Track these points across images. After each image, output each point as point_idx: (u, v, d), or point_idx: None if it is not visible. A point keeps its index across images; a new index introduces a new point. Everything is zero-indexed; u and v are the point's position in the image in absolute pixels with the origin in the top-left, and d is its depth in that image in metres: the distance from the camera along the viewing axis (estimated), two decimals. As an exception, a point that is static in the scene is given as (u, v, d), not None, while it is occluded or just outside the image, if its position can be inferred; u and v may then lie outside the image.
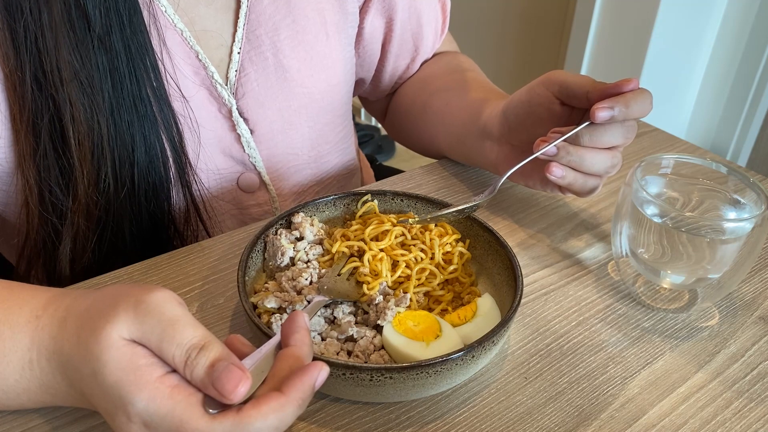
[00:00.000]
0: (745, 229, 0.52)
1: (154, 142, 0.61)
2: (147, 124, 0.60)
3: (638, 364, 0.53)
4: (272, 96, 0.69)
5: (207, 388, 0.36)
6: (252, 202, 0.73)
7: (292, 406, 0.36)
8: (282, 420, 0.35)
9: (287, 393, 0.36)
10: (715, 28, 1.78)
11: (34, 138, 0.57)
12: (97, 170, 0.58)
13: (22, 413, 0.46)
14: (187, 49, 0.64)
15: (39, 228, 0.61)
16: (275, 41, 0.68)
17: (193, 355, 0.37)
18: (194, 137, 0.65)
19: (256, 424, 0.35)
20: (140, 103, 0.59)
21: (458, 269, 0.57)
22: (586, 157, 0.58)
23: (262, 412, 0.35)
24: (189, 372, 0.37)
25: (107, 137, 0.58)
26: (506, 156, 0.68)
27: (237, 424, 0.35)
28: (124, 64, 0.57)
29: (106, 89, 0.57)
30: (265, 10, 0.67)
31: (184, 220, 0.66)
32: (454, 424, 0.47)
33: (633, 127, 0.59)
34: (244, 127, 0.69)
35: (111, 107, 0.57)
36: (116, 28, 0.56)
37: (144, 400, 0.35)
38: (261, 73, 0.68)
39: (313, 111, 0.73)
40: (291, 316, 0.41)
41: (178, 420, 0.35)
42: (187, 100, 0.64)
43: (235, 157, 0.70)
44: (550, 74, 0.63)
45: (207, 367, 0.36)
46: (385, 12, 0.77)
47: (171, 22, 0.63)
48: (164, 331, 0.37)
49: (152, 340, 0.37)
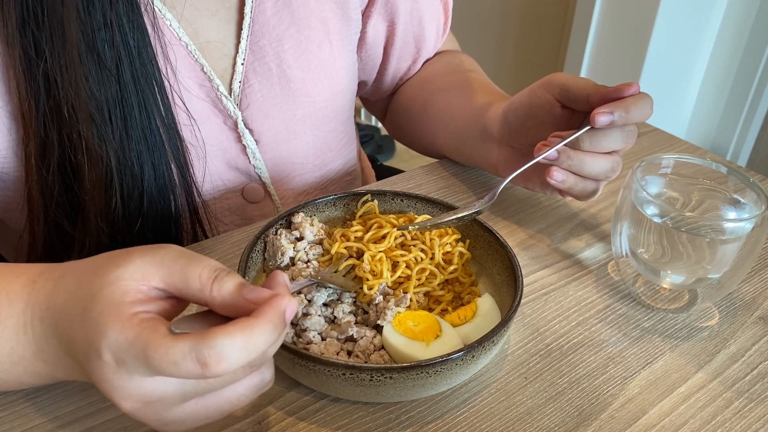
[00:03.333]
0: (745, 229, 0.52)
1: (163, 171, 0.60)
2: (156, 154, 0.59)
3: (638, 364, 0.53)
4: (276, 106, 0.69)
5: (236, 299, 0.37)
6: (257, 212, 0.73)
7: (260, 327, 0.35)
8: (249, 341, 0.35)
9: (256, 316, 0.36)
10: (715, 28, 1.78)
11: (45, 175, 0.57)
12: (107, 201, 0.58)
13: (23, 413, 0.46)
14: (191, 62, 0.64)
15: (44, 253, 0.60)
16: (279, 52, 0.67)
17: (223, 274, 0.37)
18: (201, 160, 0.65)
19: (221, 339, 0.34)
20: (149, 135, 0.58)
21: (458, 269, 0.57)
22: (586, 162, 0.58)
23: (228, 330, 0.34)
24: (218, 286, 0.37)
25: (116, 168, 0.57)
26: (506, 158, 0.68)
27: (201, 340, 0.34)
28: (133, 96, 0.57)
29: (116, 121, 0.56)
30: (269, 21, 0.66)
31: (190, 229, 0.66)
32: (454, 424, 0.47)
33: (633, 132, 0.59)
34: (249, 138, 0.68)
35: (120, 138, 0.57)
36: (125, 61, 0.56)
37: (115, 330, 0.35)
38: (265, 84, 0.68)
39: (317, 119, 0.73)
40: (271, 275, 0.40)
41: (143, 343, 0.34)
42: (195, 119, 0.63)
43: (240, 168, 0.70)
44: (551, 77, 0.63)
45: (238, 283, 0.37)
46: (388, 16, 0.77)
47: (176, 36, 0.62)
48: (190, 257, 0.38)
49: (175, 268, 0.37)
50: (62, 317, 0.39)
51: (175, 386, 0.36)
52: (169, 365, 0.34)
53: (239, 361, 0.35)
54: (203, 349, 0.34)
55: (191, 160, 0.63)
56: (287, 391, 0.49)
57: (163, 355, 0.34)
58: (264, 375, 0.39)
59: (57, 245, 0.60)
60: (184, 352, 0.34)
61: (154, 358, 0.34)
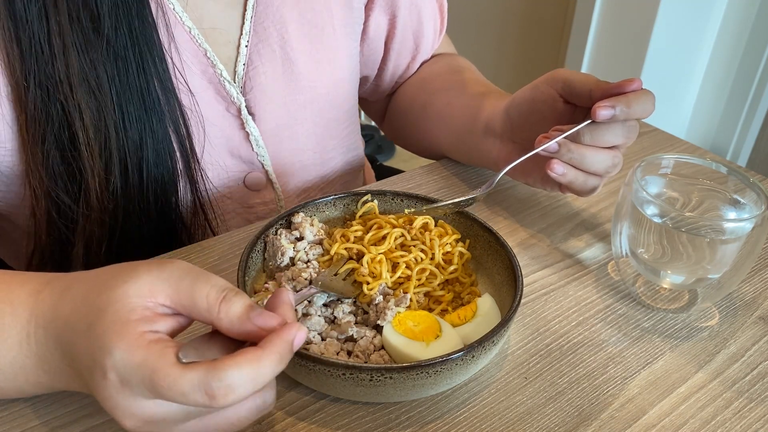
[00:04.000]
0: (745, 229, 0.52)
1: (162, 135, 0.60)
2: (155, 118, 0.59)
3: (638, 364, 0.53)
4: (279, 89, 0.69)
5: (244, 323, 0.36)
6: (258, 200, 0.73)
7: (268, 359, 0.35)
8: (258, 373, 0.35)
9: (264, 347, 0.35)
10: (715, 28, 1.78)
11: (41, 147, 0.56)
12: (106, 172, 0.58)
13: (22, 413, 0.46)
14: (195, 47, 0.64)
15: (47, 236, 0.60)
16: (282, 33, 0.68)
17: (231, 295, 0.37)
18: (200, 132, 0.65)
19: (230, 372, 0.34)
20: (148, 96, 0.58)
21: (458, 269, 0.57)
22: (586, 156, 0.58)
23: (237, 361, 0.34)
24: (225, 308, 0.36)
25: (115, 137, 0.57)
26: (508, 153, 0.68)
27: (210, 372, 0.34)
28: (131, 56, 0.56)
29: (114, 86, 0.56)
30: (273, 2, 0.67)
31: (192, 217, 0.66)
32: (454, 424, 0.47)
33: (634, 128, 0.59)
34: (252, 126, 0.68)
35: (119, 103, 0.57)
36: (123, 21, 0.55)
37: (121, 350, 0.35)
38: (269, 66, 0.68)
39: (318, 106, 0.73)
40: (276, 292, 0.40)
41: (150, 369, 0.34)
42: (194, 95, 0.63)
43: (243, 156, 0.70)
44: (554, 72, 0.63)
45: (246, 306, 0.36)
46: (389, 9, 0.77)
47: (179, 19, 0.62)
48: (198, 276, 0.37)
49: (182, 286, 0.37)
50: (66, 330, 0.39)
51: (178, 408, 0.36)
52: (178, 396, 0.34)
53: (246, 393, 0.35)
54: (212, 382, 0.34)
55: (191, 127, 0.63)
56: (287, 391, 0.49)
57: (172, 384, 0.34)
58: (265, 397, 0.39)
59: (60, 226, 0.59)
60: (194, 385, 0.34)
61: (163, 387, 0.34)
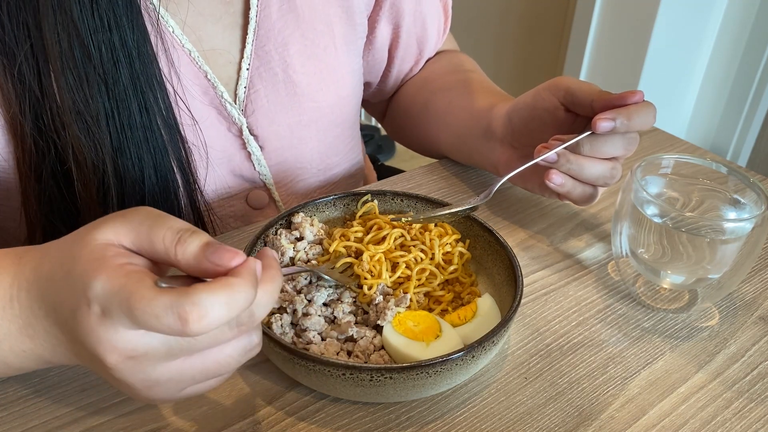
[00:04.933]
0: (745, 229, 0.52)
1: (166, 173, 0.59)
2: (158, 156, 0.58)
3: (638, 364, 0.53)
4: (282, 111, 0.68)
5: (201, 262, 0.36)
6: (261, 218, 0.73)
7: (241, 285, 0.35)
8: (231, 298, 0.34)
9: (237, 274, 0.35)
10: (715, 28, 1.78)
11: (38, 183, 0.56)
12: (104, 207, 0.57)
13: (22, 413, 0.46)
14: (195, 69, 0.63)
15: None
16: (284, 56, 0.67)
17: (186, 236, 0.37)
18: (203, 162, 0.64)
19: (203, 295, 0.34)
20: (151, 136, 0.57)
21: (458, 269, 0.57)
22: (585, 166, 0.58)
23: (210, 286, 0.34)
24: (181, 249, 0.36)
25: (113, 173, 0.56)
26: (508, 158, 0.68)
27: (183, 295, 0.34)
28: (132, 97, 0.56)
29: (113, 126, 0.55)
30: (274, 26, 0.66)
31: None
32: (454, 424, 0.47)
33: (634, 139, 0.59)
34: (254, 145, 0.68)
35: (119, 143, 0.56)
36: (124, 62, 0.55)
37: (102, 280, 0.35)
38: (271, 89, 0.67)
39: (322, 125, 0.72)
40: (260, 252, 0.40)
41: (128, 292, 0.34)
42: (198, 123, 0.62)
43: (245, 175, 0.70)
44: (556, 80, 0.63)
45: (202, 245, 0.36)
46: (393, 19, 0.77)
47: (179, 42, 0.62)
48: (156, 219, 0.37)
49: (141, 230, 0.37)
50: (48, 285, 0.39)
51: (160, 341, 0.36)
52: (151, 318, 0.34)
53: (220, 319, 0.34)
54: (185, 305, 0.33)
55: (194, 162, 0.62)
56: (287, 391, 0.49)
57: (146, 306, 0.34)
58: (252, 338, 0.39)
59: None
60: (166, 306, 0.33)
61: (138, 309, 0.34)
